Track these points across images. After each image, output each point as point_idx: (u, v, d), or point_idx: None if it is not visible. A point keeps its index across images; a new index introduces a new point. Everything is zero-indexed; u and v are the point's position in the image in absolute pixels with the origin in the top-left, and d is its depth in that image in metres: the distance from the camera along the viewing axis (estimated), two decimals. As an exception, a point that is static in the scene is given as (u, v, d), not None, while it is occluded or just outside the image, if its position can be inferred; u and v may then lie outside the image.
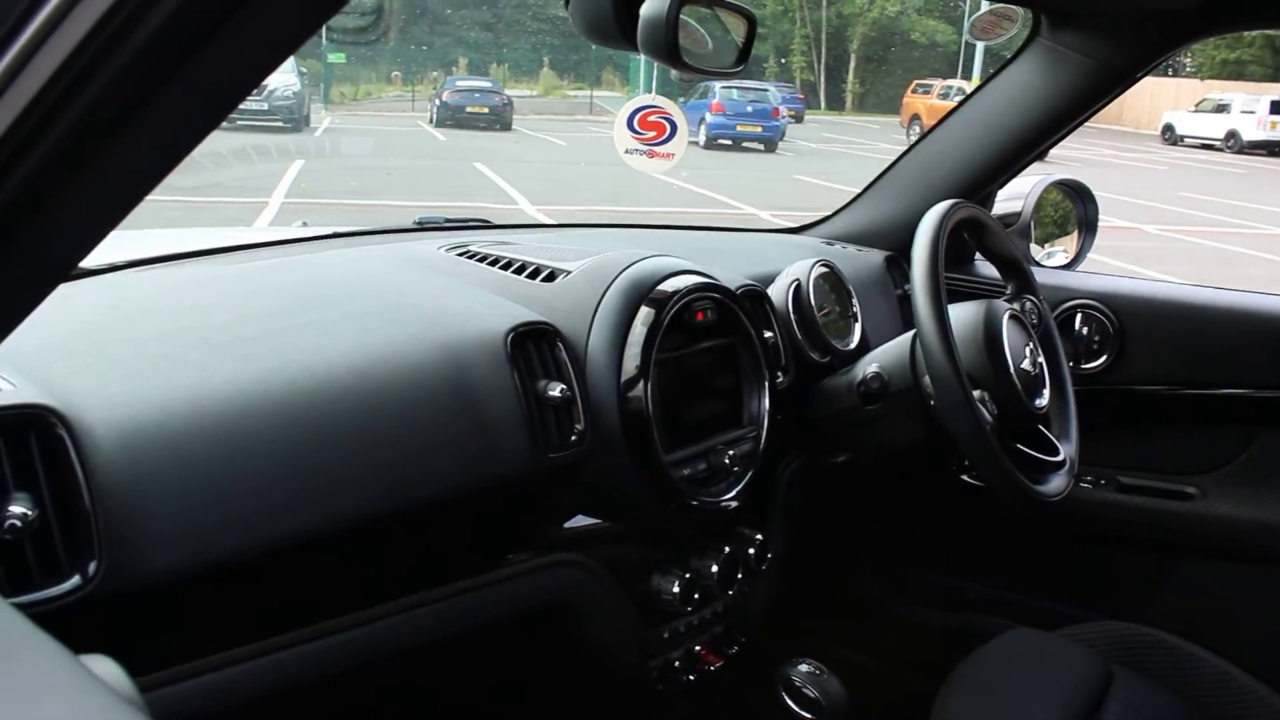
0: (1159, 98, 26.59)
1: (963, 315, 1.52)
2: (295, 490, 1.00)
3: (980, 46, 17.38)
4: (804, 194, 12.91)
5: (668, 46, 0.95)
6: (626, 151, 2.24)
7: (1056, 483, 1.51)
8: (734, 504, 1.42)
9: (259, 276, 1.36)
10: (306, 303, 1.25)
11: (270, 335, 1.12)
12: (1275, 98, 24.04)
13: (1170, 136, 25.06)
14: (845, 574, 2.21)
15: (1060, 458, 1.54)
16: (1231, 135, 24.32)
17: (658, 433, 1.30)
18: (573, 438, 1.25)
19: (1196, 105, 24.76)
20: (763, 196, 11.88)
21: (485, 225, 1.85)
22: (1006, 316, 1.53)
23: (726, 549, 1.51)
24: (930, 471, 1.77)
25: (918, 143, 2.02)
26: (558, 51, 27.46)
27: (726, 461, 1.41)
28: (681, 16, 0.97)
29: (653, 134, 2.36)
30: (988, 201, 1.98)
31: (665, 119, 2.38)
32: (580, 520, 1.36)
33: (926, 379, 1.46)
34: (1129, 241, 10.10)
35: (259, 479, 0.98)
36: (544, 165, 14.48)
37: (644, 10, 0.93)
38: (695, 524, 1.49)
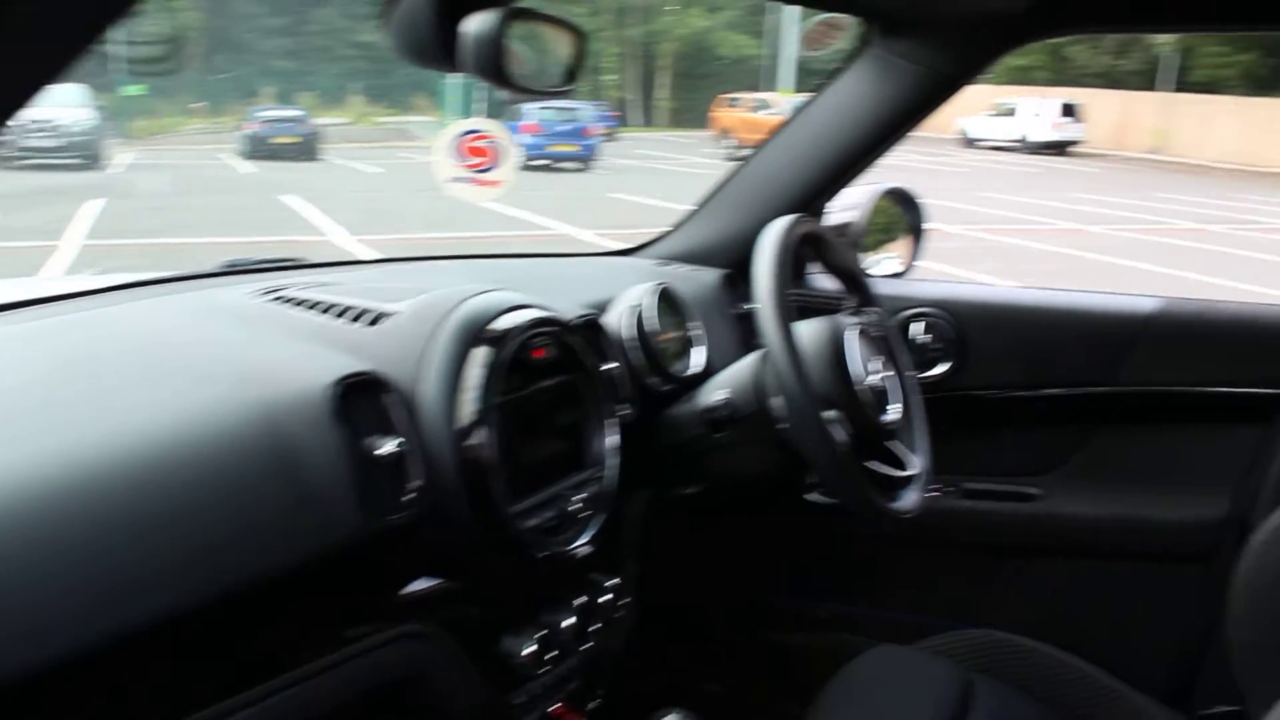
0: (953, 103, 27.86)
1: (808, 333, 1.49)
2: (90, 594, 0.86)
3: (788, 59, 17.90)
4: (622, 212, 12.99)
5: (495, 66, 0.87)
6: (450, 180, 2.12)
7: (910, 497, 1.49)
8: (586, 551, 1.33)
9: (38, 337, 1.20)
10: (99, 365, 1.11)
11: (53, 407, 0.98)
12: (1065, 101, 25.60)
13: (966, 140, 26.32)
14: (703, 607, 2.16)
15: (912, 471, 1.52)
16: (1022, 137, 25.76)
17: (500, 482, 1.20)
18: (408, 496, 1.14)
19: (992, 110, 26.08)
20: (581, 216, 11.89)
21: (301, 265, 1.71)
22: (851, 332, 1.50)
23: (580, 599, 1.43)
24: (779, 493, 1.74)
25: (751, 158, 1.98)
26: (367, 77, 27.01)
27: (575, 507, 1.32)
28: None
29: (478, 160, 2.25)
30: (820, 213, 1.97)
31: (491, 144, 2.26)
32: (420, 583, 1.25)
33: (776, 401, 1.41)
34: (936, 243, 10.47)
35: (40, 588, 0.84)
36: (360, 195, 14.16)
37: (467, 29, 0.84)
38: (545, 576, 1.40)
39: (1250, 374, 1.85)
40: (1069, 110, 25.89)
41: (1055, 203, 15.63)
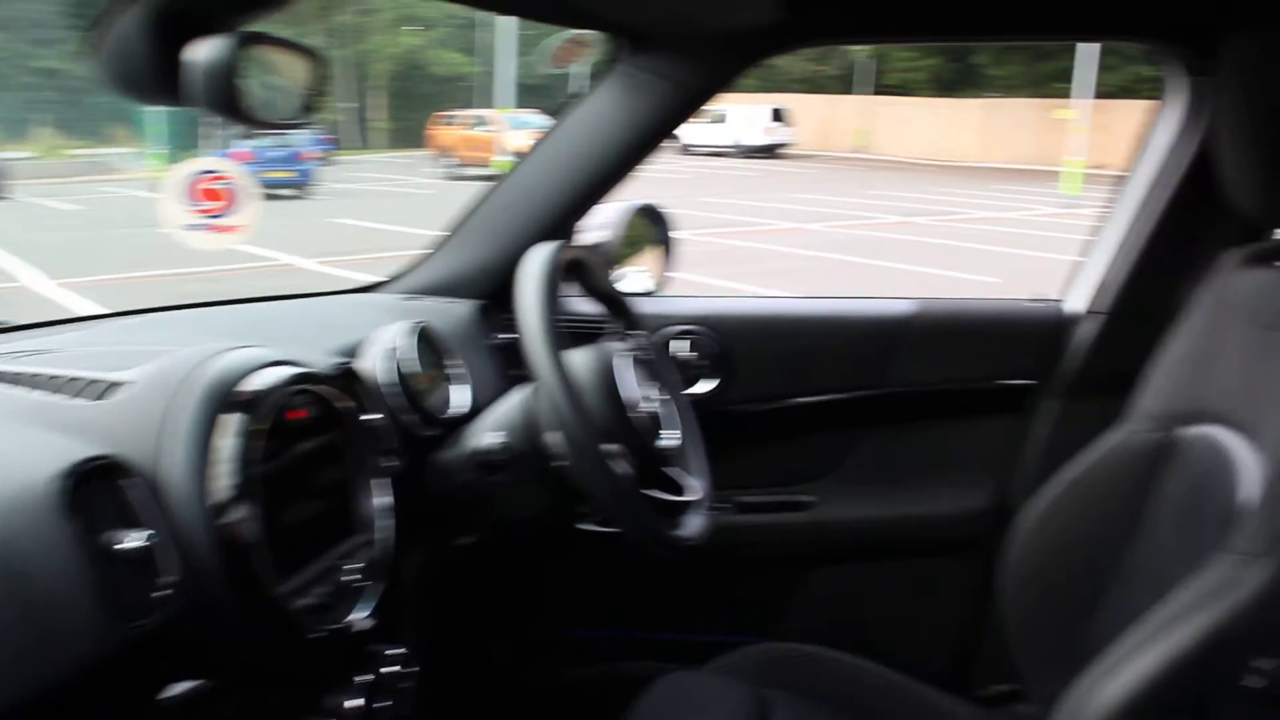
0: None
1: (579, 364, 1.42)
2: None
3: (505, 76, 17.87)
4: (347, 237, 12.62)
5: (226, 98, 0.75)
6: (183, 228, 1.90)
7: (694, 522, 1.46)
8: (366, 624, 1.22)
9: None
10: None
11: None
12: (774, 106, 26.80)
13: (683, 147, 27.09)
14: (491, 654, 2.07)
15: (692, 496, 1.49)
16: (735, 142, 26.80)
17: (264, 562, 1.06)
18: (160, 594, 0.98)
19: (705, 118, 26.95)
20: (304, 244, 11.46)
21: (1, 329, 1.50)
22: (621, 358, 1.45)
23: (364, 676, 1.31)
24: (555, 527, 1.68)
25: (499, 183, 1.89)
26: (56, 107, 25.07)
27: (350, 577, 1.20)
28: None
29: (214, 205, 2.04)
30: (573, 234, 1.91)
31: (227, 185, 2.05)
32: (180, 685, 1.09)
33: (552, 438, 1.34)
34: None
35: None
36: (58, 234, 13.11)
37: (194, 58, 0.72)
38: (324, 658, 1.26)
39: (1002, 368, 1.93)
40: (778, 115, 27.15)
41: (774, 204, 16.32)
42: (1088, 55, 18.00)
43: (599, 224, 1.92)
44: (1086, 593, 1.59)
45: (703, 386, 1.91)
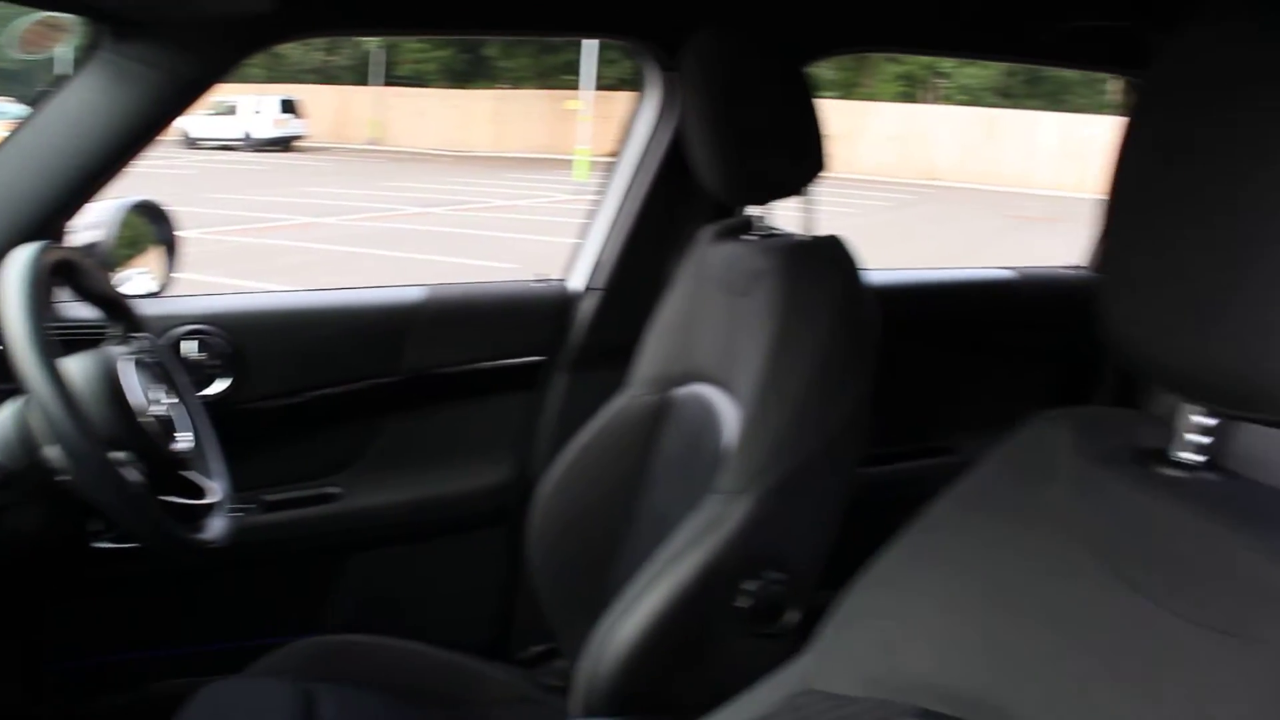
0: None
1: (77, 371, 1.34)
2: None
3: (-32, 61, 15.87)
4: None
5: None
6: None
7: (217, 524, 1.42)
8: None
9: None
10: None
11: None
12: (283, 97, 25.87)
13: (188, 141, 25.53)
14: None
15: (213, 499, 1.45)
16: (245, 135, 25.64)
17: None
18: None
19: (211, 109, 25.54)
20: None
21: None
22: (125, 362, 1.38)
23: None
24: (65, 547, 1.57)
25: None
26: None
27: None
28: None
29: None
30: (63, 235, 1.77)
31: None
32: None
33: (51, 451, 1.25)
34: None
35: None
36: None
37: None
38: None
39: (514, 346, 2.03)
40: (288, 106, 26.26)
41: (289, 198, 15.83)
42: (590, 49, 19.07)
43: (90, 223, 1.79)
44: (605, 548, 1.72)
45: (216, 386, 1.84)
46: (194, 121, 25.84)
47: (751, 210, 1.68)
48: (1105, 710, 0.69)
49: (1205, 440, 0.74)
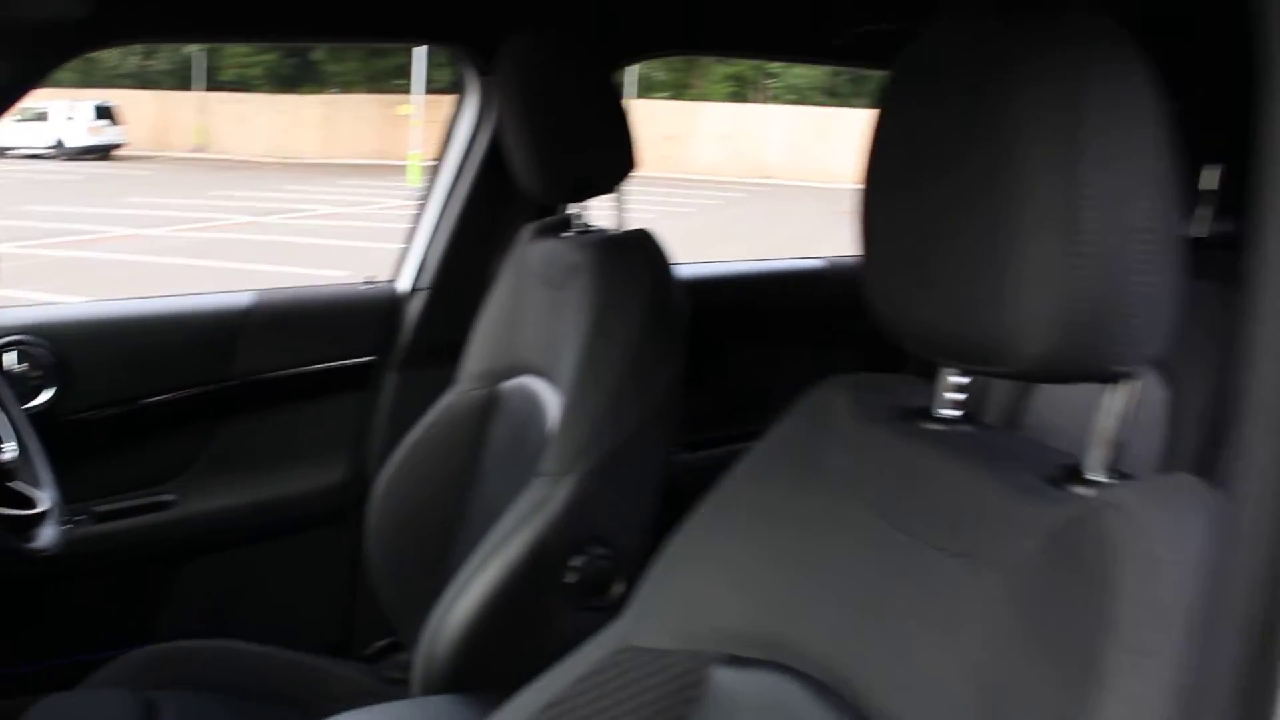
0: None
1: None
2: None
3: None
4: None
5: None
6: None
7: (47, 534, 1.42)
8: None
9: None
10: None
11: None
12: (98, 104, 24.77)
13: (-3, 150, 24.26)
14: None
15: (42, 508, 1.45)
16: (58, 143, 24.46)
17: None
18: None
19: (20, 115, 24.29)
20: None
21: None
22: None
23: None
24: None
25: None
26: None
27: None
28: None
29: None
30: None
31: None
32: None
33: None
34: (-9, 265, 9.64)
35: None
36: None
37: None
38: None
39: (346, 347, 2.06)
40: (105, 112, 25.14)
41: (111, 209, 15.22)
42: (421, 53, 18.86)
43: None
44: (440, 541, 1.78)
45: (42, 397, 1.83)
46: (1, 129, 24.59)
47: (569, 208, 1.76)
48: (879, 635, 0.80)
49: (960, 397, 0.86)
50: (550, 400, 1.64)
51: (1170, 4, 0.62)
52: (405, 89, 20.27)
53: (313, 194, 18.24)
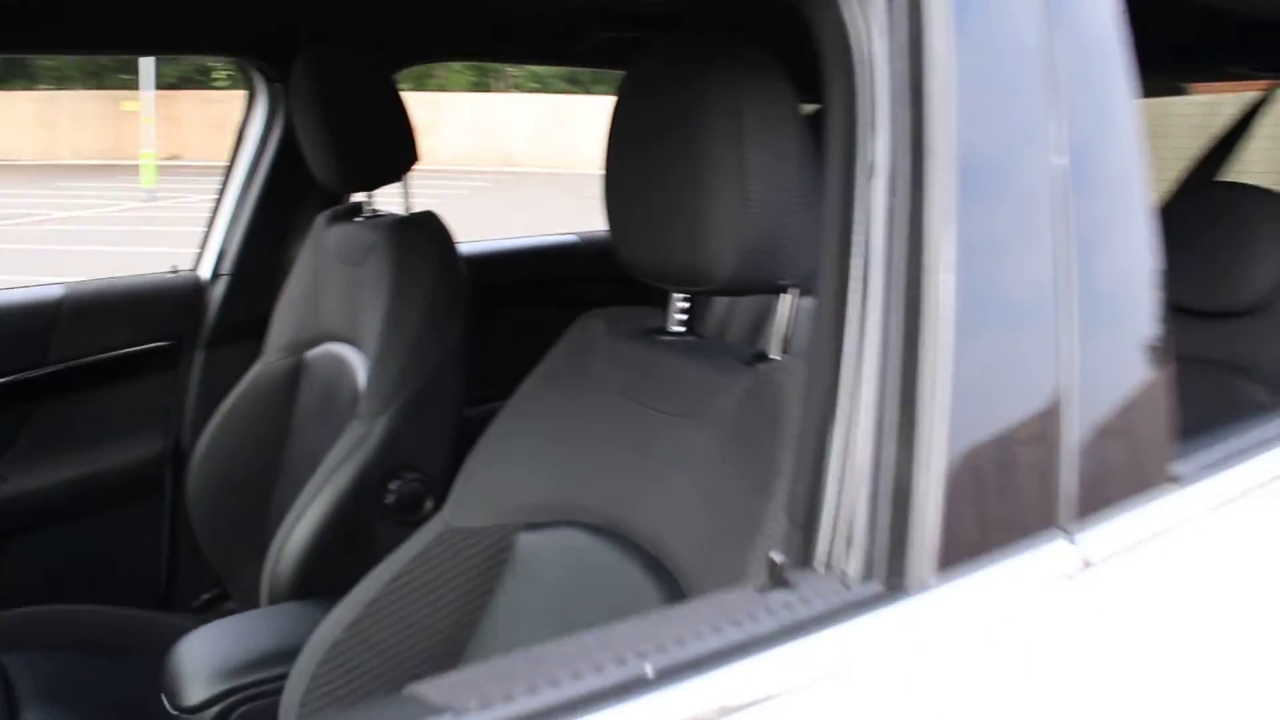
0: None
1: None
2: None
3: None
4: None
5: None
6: None
7: None
8: None
9: None
10: None
11: None
12: None
13: None
14: None
15: None
16: None
17: None
18: None
19: None
20: None
21: None
22: None
23: None
24: None
25: None
26: None
27: None
28: None
29: None
30: None
31: None
32: None
33: None
34: None
35: None
36: None
37: None
38: None
39: (153, 331, 2.25)
40: None
41: None
42: (146, 47, 17.97)
43: None
44: (260, 494, 2.03)
45: None
46: None
47: (359, 196, 2.05)
48: (639, 482, 1.15)
49: (683, 315, 1.22)
50: (355, 361, 1.92)
51: (805, 42, 0.91)
52: (131, 84, 19.34)
53: (34, 198, 17.21)
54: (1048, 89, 0.87)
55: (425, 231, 1.90)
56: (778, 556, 0.76)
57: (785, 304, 1.12)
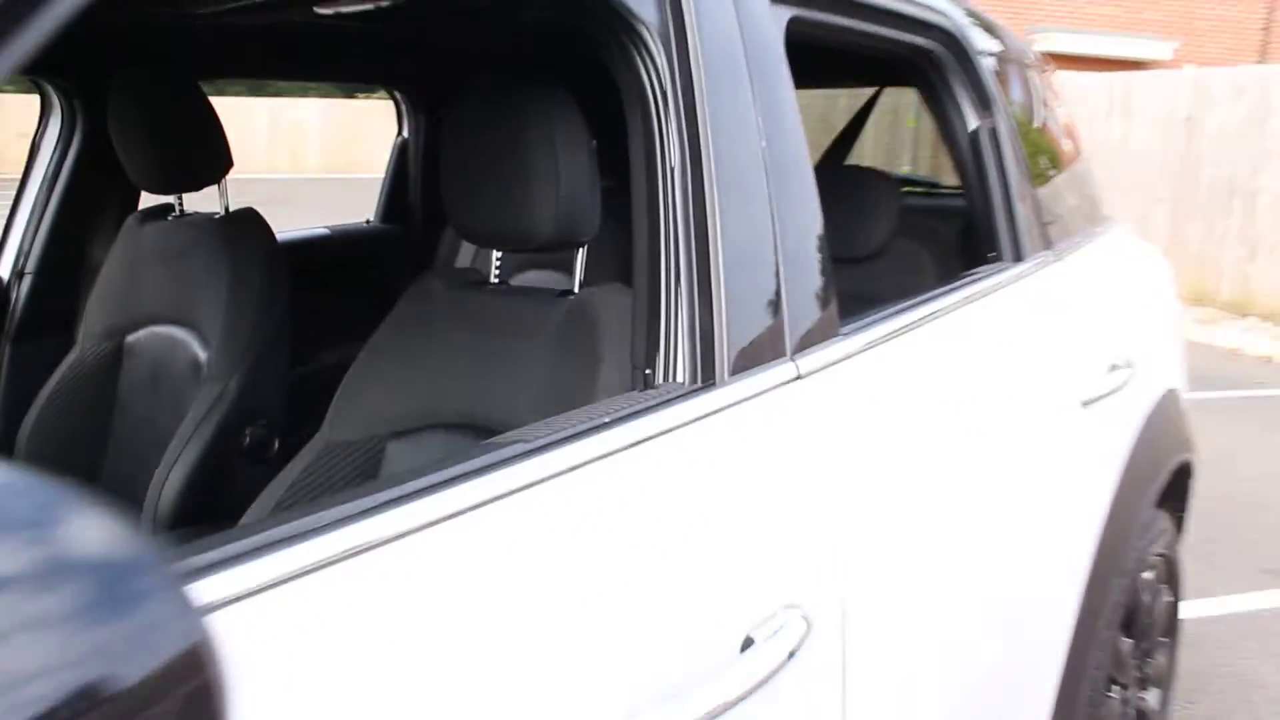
0: None
1: None
2: None
3: None
4: None
5: None
6: None
7: None
8: None
9: None
10: None
11: None
12: None
13: None
14: None
15: None
16: None
17: None
18: None
19: None
20: None
21: None
22: None
23: None
24: None
25: None
26: None
27: None
28: None
29: None
30: None
31: None
32: None
33: None
34: None
35: None
36: None
37: None
38: None
39: None
40: None
41: None
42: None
43: None
44: (92, 461, 2.28)
45: None
46: None
47: (168, 199, 2.35)
48: (487, 386, 1.59)
49: (497, 270, 1.68)
50: (185, 337, 2.23)
51: (598, 77, 1.37)
52: None
53: None
54: (751, 87, 1.39)
55: (252, 225, 2.25)
56: (647, 370, 1.26)
57: (581, 254, 1.60)
